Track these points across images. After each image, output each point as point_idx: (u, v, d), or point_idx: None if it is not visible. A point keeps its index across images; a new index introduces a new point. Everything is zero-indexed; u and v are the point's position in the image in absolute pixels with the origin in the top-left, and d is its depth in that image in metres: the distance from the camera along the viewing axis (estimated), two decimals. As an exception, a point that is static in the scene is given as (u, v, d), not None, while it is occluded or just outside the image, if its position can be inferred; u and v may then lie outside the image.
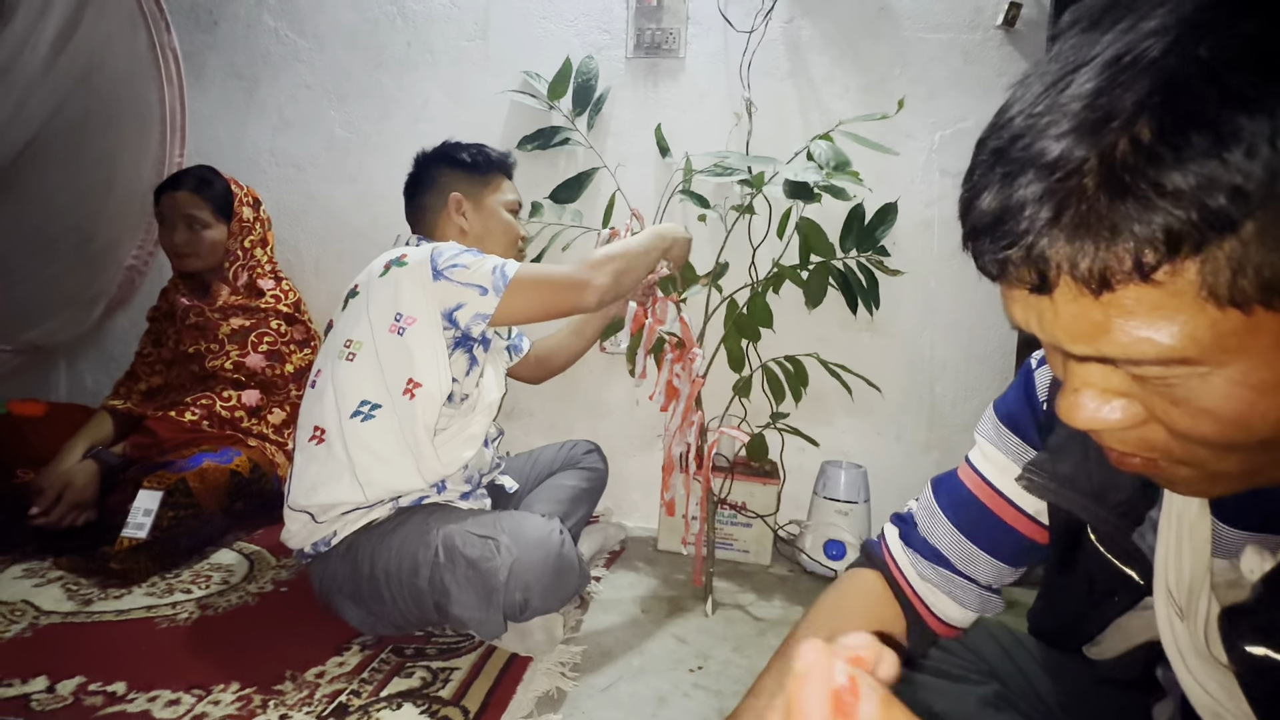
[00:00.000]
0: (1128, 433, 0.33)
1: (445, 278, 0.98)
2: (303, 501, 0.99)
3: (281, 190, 1.79)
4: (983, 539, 0.56)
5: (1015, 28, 1.49)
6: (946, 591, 0.57)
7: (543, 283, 1.01)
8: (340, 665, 0.93)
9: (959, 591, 0.57)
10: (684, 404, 1.29)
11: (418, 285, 0.98)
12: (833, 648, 0.29)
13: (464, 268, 0.99)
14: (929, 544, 0.58)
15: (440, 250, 1.00)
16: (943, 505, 0.58)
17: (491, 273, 0.99)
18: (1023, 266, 0.30)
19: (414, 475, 1.00)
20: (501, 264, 1.00)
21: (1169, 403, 0.31)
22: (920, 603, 0.58)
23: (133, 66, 1.78)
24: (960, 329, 1.58)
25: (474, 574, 0.92)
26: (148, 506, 1.14)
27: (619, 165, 1.59)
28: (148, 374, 1.51)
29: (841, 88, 1.56)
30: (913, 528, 0.60)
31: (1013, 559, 0.57)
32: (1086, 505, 0.46)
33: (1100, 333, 0.29)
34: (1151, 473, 0.35)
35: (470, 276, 0.99)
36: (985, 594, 0.58)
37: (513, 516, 0.99)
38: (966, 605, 0.58)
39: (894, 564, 0.60)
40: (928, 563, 0.58)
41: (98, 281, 1.87)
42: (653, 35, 1.61)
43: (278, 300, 1.51)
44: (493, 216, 1.19)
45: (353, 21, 1.74)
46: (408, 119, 1.74)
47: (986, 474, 0.56)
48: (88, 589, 1.10)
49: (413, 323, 0.98)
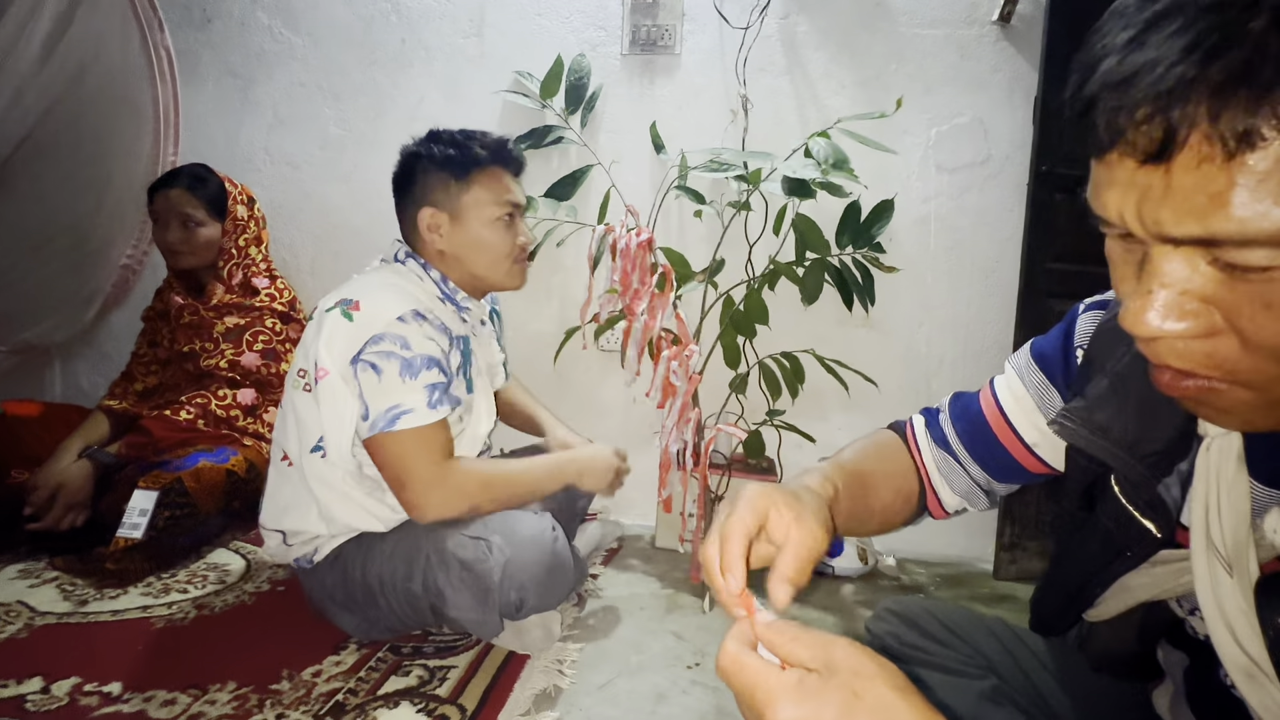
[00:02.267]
0: (1193, 345, 0.31)
1: (357, 367, 0.89)
2: (273, 523, 0.99)
3: (277, 188, 1.79)
4: (980, 452, 0.60)
5: (1011, 23, 1.48)
6: (944, 474, 0.62)
7: (409, 457, 0.90)
8: (337, 664, 0.93)
9: (953, 476, 0.62)
10: (680, 401, 1.29)
11: (343, 352, 0.90)
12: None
13: (375, 374, 0.89)
14: (942, 433, 0.62)
15: (380, 333, 0.90)
16: (954, 416, 0.62)
17: (387, 410, 0.89)
18: (1148, 126, 0.28)
19: (372, 518, 0.97)
20: (404, 409, 0.89)
21: (1260, 305, 0.28)
22: (926, 477, 0.63)
23: (126, 65, 1.78)
24: (957, 325, 1.58)
25: (468, 575, 0.91)
26: (143, 506, 1.14)
27: (614, 162, 1.58)
28: (143, 374, 1.51)
29: (837, 84, 1.56)
30: (935, 418, 0.64)
31: (1000, 475, 0.61)
32: (1117, 453, 0.46)
33: (1217, 206, 0.27)
34: (1203, 398, 0.33)
35: (371, 392, 0.89)
36: (974, 486, 0.62)
37: (505, 516, 0.98)
38: (955, 490, 0.62)
39: (914, 440, 0.64)
40: (936, 447, 0.62)
41: (92, 281, 1.86)
42: (648, 31, 1.60)
43: (273, 299, 1.50)
44: (472, 231, 1.00)
45: (347, 19, 1.74)
46: (403, 116, 1.73)
47: (1002, 400, 0.59)
48: (83, 590, 1.10)
49: (325, 375, 0.91)
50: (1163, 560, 0.45)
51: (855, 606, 1.28)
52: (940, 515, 0.65)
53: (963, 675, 0.62)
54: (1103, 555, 0.48)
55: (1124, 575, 0.47)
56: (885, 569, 1.47)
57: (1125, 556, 0.47)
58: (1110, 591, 0.49)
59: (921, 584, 1.42)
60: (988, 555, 1.49)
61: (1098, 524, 0.49)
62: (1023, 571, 1.44)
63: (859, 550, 1.39)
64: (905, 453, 0.64)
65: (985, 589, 1.41)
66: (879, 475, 0.61)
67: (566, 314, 1.67)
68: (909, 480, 0.63)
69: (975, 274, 1.55)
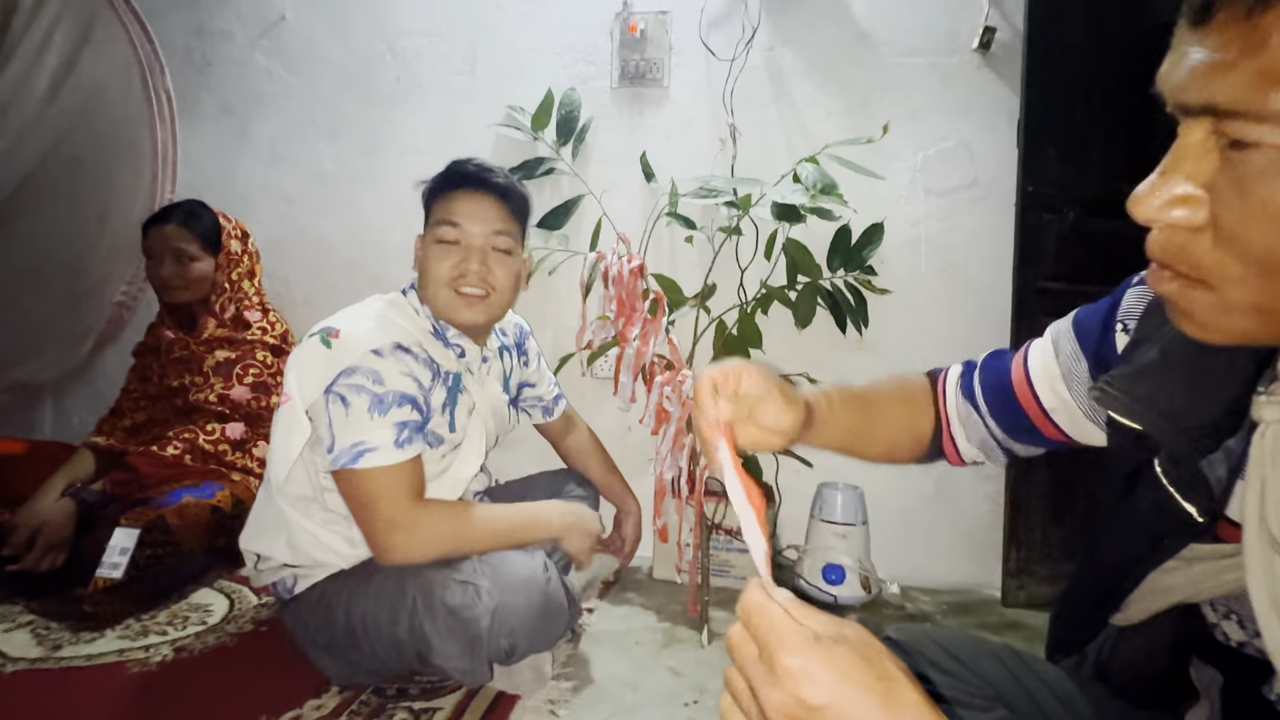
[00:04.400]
0: (1176, 237, 0.35)
1: (328, 401, 0.87)
2: (247, 544, 0.97)
3: (272, 224, 1.80)
4: (999, 409, 0.61)
5: (991, 51, 1.52)
6: (964, 423, 0.63)
7: (373, 497, 0.87)
8: (318, 708, 0.89)
9: (972, 427, 0.63)
10: (675, 427, 1.27)
11: (316, 381, 0.88)
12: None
13: (344, 407, 0.87)
14: (971, 385, 0.63)
15: (358, 368, 0.88)
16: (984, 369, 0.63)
17: (351, 445, 0.86)
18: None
19: (330, 552, 0.94)
20: (369, 447, 0.86)
21: (1237, 195, 0.32)
22: (946, 423, 0.65)
23: (127, 107, 1.81)
24: (953, 346, 1.56)
25: (455, 623, 0.86)
26: (124, 545, 1.11)
27: (605, 192, 1.60)
28: (132, 410, 1.49)
29: (824, 112, 1.59)
30: (970, 370, 0.65)
31: (1016, 435, 0.61)
32: (1160, 424, 0.44)
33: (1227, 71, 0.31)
34: (1175, 298, 0.37)
35: (339, 425, 0.87)
36: (991, 440, 0.63)
37: (495, 556, 0.94)
38: (972, 440, 0.63)
39: (942, 386, 0.65)
40: (962, 396, 0.64)
41: (86, 318, 1.86)
42: (637, 65, 1.64)
43: (264, 332, 1.50)
44: (425, 253, 0.99)
45: (343, 59, 1.78)
46: (396, 152, 1.76)
47: (1031, 362, 0.59)
48: (58, 633, 1.06)
49: (288, 400, 0.89)
50: (1203, 557, 0.43)
51: (859, 638, 1.23)
52: (956, 462, 0.66)
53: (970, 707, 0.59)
54: (1138, 545, 0.46)
55: (1158, 569, 0.45)
56: (889, 597, 1.43)
57: (1162, 546, 0.45)
58: (1142, 591, 0.47)
59: (927, 612, 1.38)
60: (994, 582, 1.45)
61: (1135, 511, 0.47)
62: (1031, 598, 1.40)
63: (862, 578, 1.35)
64: (929, 396, 0.66)
65: (993, 616, 1.37)
66: (887, 405, 0.65)
67: (560, 341, 1.66)
68: (922, 420, 0.65)
69: (968, 295, 1.55)
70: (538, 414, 1.32)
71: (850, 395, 0.64)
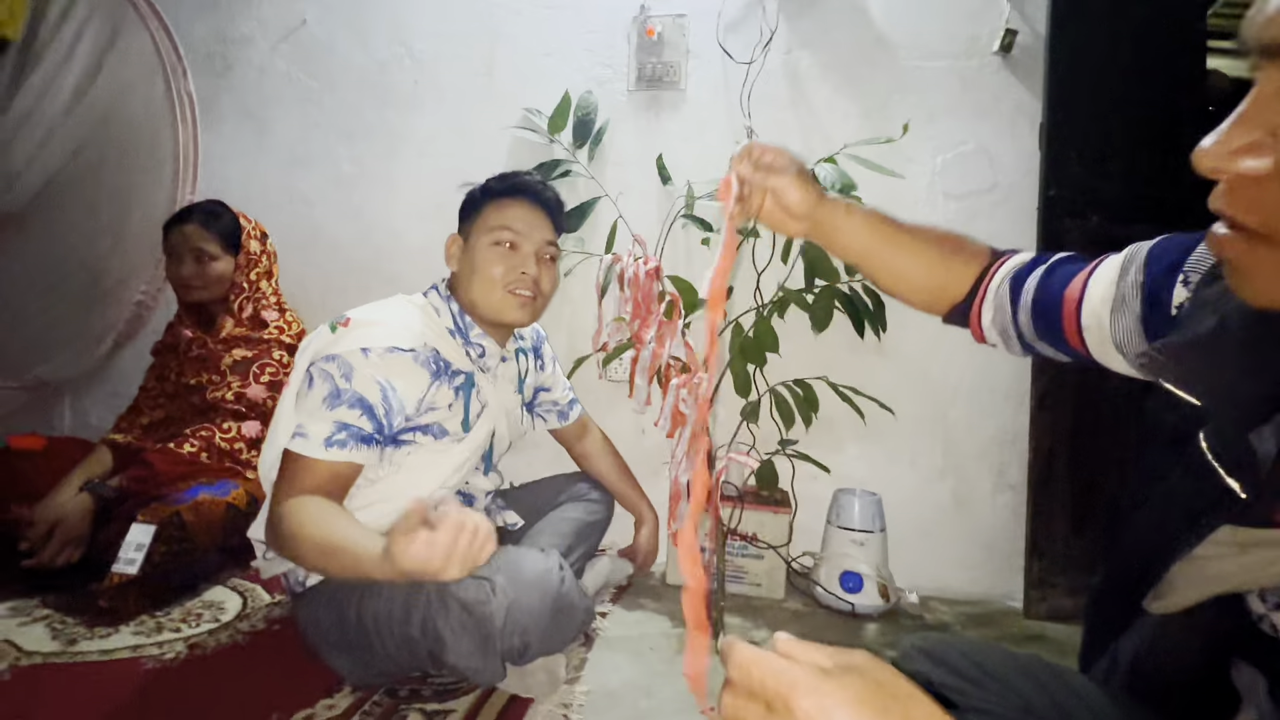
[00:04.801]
0: (1243, 187, 0.34)
1: (305, 377, 0.91)
2: (256, 533, 0.97)
3: (290, 226, 1.81)
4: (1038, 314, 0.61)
5: (1012, 54, 1.50)
6: (994, 301, 0.65)
7: (282, 477, 0.88)
8: (330, 708, 0.88)
9: (998, 311, 0.64)
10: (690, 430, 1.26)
11: (305, 357, 0.93)
12: None
13: (310, 387, 0.90)
14: (1025, 277, 0.63)
15: (340, 354, 0.90)
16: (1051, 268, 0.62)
17: (298, 426, 0.88)
18: None
19: None
20: (300, 431, 0.88)
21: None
22: (982, 294, 0.66)
23: (149, 111, 1.84)
24: (974, 351, 1.54)
25: (468, 619, 0.85)
26: (140, 541, 1.11)
27: (620, 194, 1.60)
28: (150, 407, 1.50)
29: (842, 115, 1.58)
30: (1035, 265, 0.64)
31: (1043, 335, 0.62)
32: (1209, 391, 0.43)
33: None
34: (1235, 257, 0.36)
35: (300, 398, 0.90)
36: (1011, 330, 0.64)
37: (509, 553, 0.93)
38: (994, 323, 0.65)
39: (999, 264, 0.66)
40: (1008, 285, 0.64)
41: (106, 318, 1.88)
42: (654, 68, 1.64)
43: (281, 331, 1.51)
44: (475, 253, 1.02)
45: (363, 63, 1.80)
46: (413, 155, 1.77)
47: (1095, 278, 0.58)
48: (74, 628, 1.06)
49: (289, 384, 0.94)
50: (1260, 543, 0.41)
51: (877, 647, 1.21)
52: (978, 335, 0.67)
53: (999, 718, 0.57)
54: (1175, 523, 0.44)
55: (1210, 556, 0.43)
56: (908, 607, 1.40)
57: (1200, 524, 0.43)
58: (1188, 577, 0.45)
59: (946, 623, 1.35)
60: (1016, 593, 1.42)
61: (1174, 487, 0.45)
62: (1054, 610, 1.36)
63: (880, 586, 1.33)
64: (977, 262, 0.66)
65: (1015, 628, 1.34)
66: (923, 244, 0.68)
67: (575, 344, 1.66)
68: (956, 280, 0.66)
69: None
70: (553, 419, 1.32)
71: (880, 217, 0.69)
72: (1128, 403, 1.36)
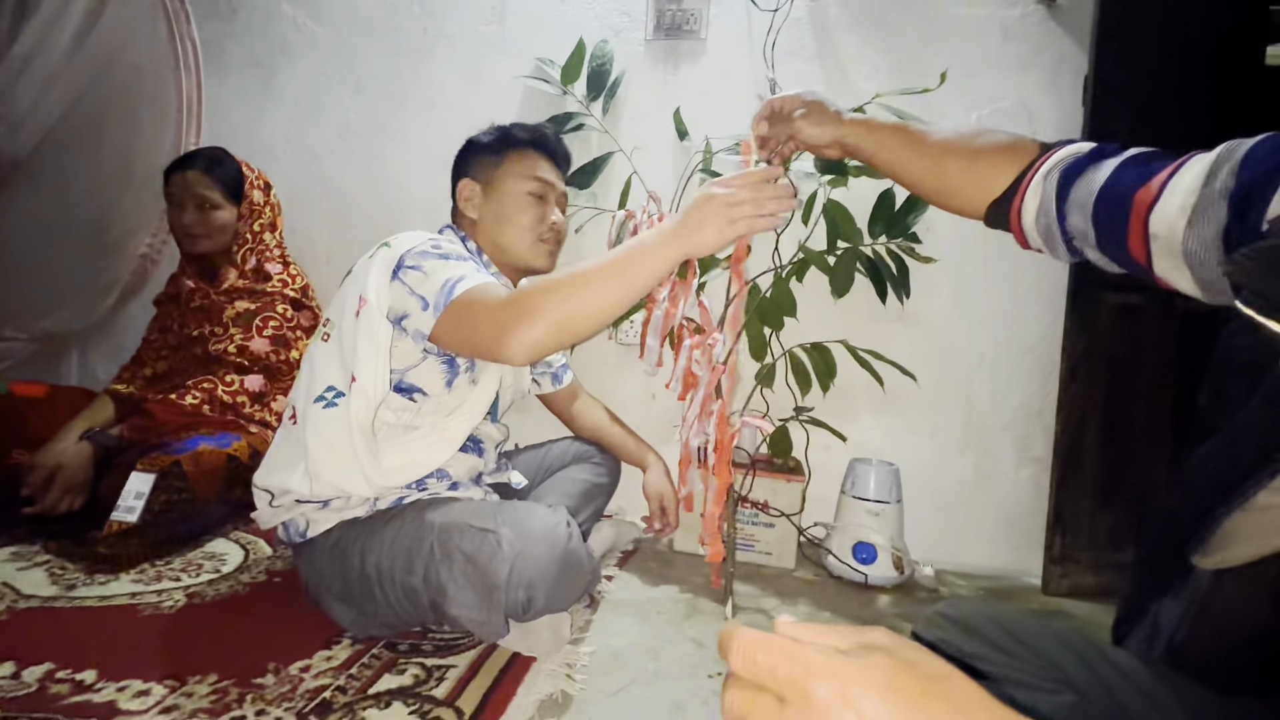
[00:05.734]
0: None
1: (399, 279, 0.88)
2: (262, 481, 0.94)
3: (296, 177, 1.77)
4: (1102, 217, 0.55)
5: (1057, 3, 1.41)
6: (1039, 196, 0.59)
7: (474, 312, 0.82)
8: (328, 659, 0.86)
9: (1043, 206, 0.59)
10: (703, 392, 1.22)
11: (382, 276, 0.90)
12: None
13: (419, 272, 0.87)
14: (1073, 174, 0.57)
15: (415, 246, 0.89)
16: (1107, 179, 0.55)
17: (441, 286, 0.85)
18: None
19: (360, 478, 0.90)
20: (456, 278, 0.85)
21: None
22: (1025, 186, 0.61)
23: (152, 56, 1.78)
24: (999, 320, 1.48)
25: (472, 570, 0.84)
26: (139, 489, 1.09)
27: (635, 149, 1.53)
28: (153, 359, 1.48)
29: (871, 67, 1.49)
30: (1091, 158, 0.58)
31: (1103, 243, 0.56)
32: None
33: None
34: None
35: (421, 284, 0.86)
36: (1056, 230, 0.59)
37: (516, 507, 0.92)
38: (1037, 222, 0.60)
39: (1048, 155, 0.60)
40: (1057, 172, 0.58)
41: (111, 270, 1.85)
42: (673, 16, 1.56)
43: (285, 284, 1.47)
44: (505, 201, 1.03)
45: (370, 8, 1.72)
46: (422, 105, 1.71)
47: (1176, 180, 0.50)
48: (73, 574, 1.05)
49: (364, 305, 0.89)
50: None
51: (891, 619, 1.17)
52: (1019, 237, 0.63)
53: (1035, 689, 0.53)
54: (1244, 459, 0.40)
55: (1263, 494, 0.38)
56: (922, 579, 1.36)
57: (1273, 459, 0.38)
58: (1254, 526, 0.40)
59: (962, 598, 1.31)
60: (1035, 569, 1.37)
61: (1244, 422, 0.40)
62: (1075, 587, 1.32)
63: (894, 558, 1.29)
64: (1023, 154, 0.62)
65: (1033, 605, 1.30)
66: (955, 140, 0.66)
67: (584, 305, 1.61)
68: (997, 174, 0.62)
69: (1019, 266, 1.45)
70: (546, 381, 1.31)
71: (906, 126, 0.70)
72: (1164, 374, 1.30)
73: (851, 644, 0.27)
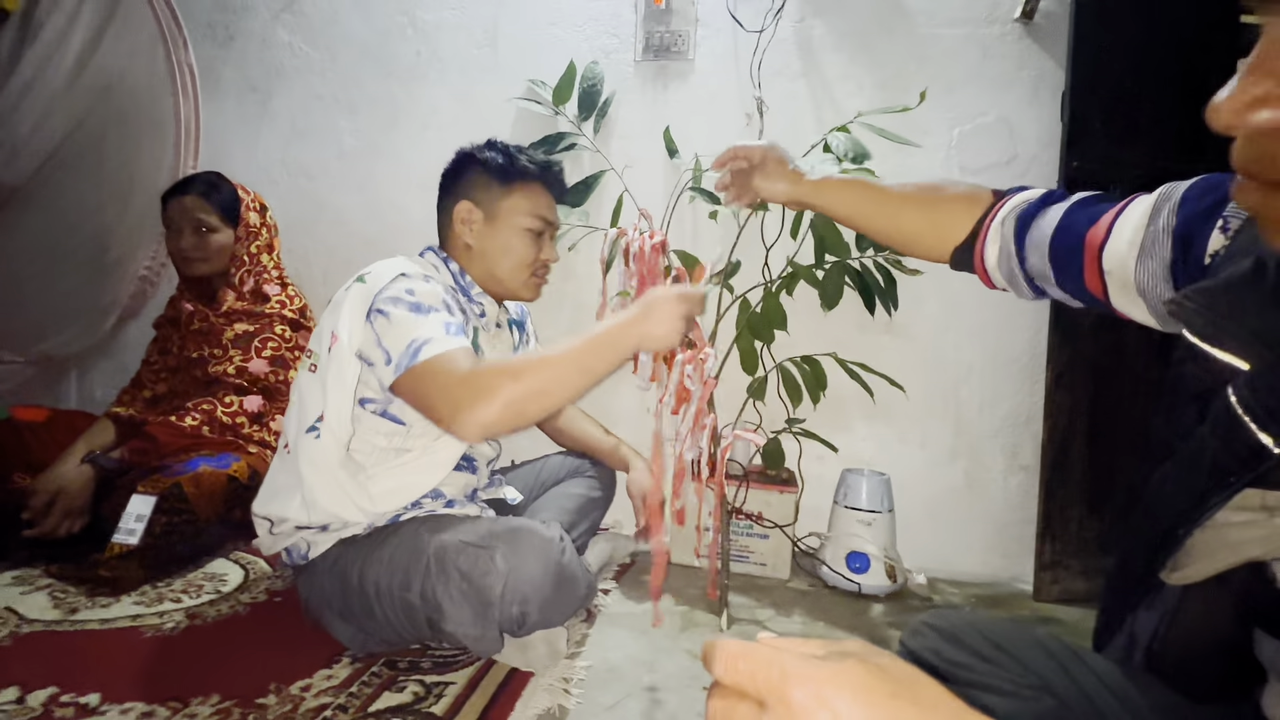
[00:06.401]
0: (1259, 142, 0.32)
1: (370, 323, 0.88)
2: (261, 509, 0.96)
3: (292, 199, 1.79)
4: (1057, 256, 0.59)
5: (1034, 20, 1.45)
6: (998, 240, 0.64)
7: (434, 383, 0.82)
8: (329, 678, 0.87)
9: (1003, 250, 0.63)
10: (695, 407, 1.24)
11: (355, 314, 0.90)
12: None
13: (387, 320, 0.87)
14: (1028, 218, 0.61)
15: (386, 288, 0.89)
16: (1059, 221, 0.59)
17: (407, 346, 0.84)
18: None
19: (353, 506, 0.92)
20: (422, 340, 0.84)
21: None
22: (984, 232, 0.65)
23: (151, 82, 1.81)
24: (986, 330, 1.51)
25: (468, 587, 0.85)
26: (140, 512, 1.11)
27: (626, 167, 1.56)
28: (152, 381, 1.49)
29: (856, 85, 1.53)
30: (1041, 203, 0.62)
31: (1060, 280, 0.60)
32: (1245, 340, 0.41)
33: None
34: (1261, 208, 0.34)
35: (387, 336, 0.86)
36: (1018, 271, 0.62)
37: (510, 523, 0.93)
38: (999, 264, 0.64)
39: (1002, 202, 0.65)
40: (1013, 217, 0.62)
41: (111, 292, 1.87)
42: (661, 38, 1.60)
43: (283, 306, 1.49)
44: (507, 235, 1.03)
45: (364, 33, 1.76)
46: (416, 127, 1.74)
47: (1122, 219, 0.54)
48: (75, 597, 1.06)
49: (335, 342, 0.90)
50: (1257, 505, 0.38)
51: (884, 627, 1.19)
52: (985, 279, 0.67)
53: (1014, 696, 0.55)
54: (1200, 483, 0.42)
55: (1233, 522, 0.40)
56: (915, 588, 1.38)
57: (1228, 483, 0.40)
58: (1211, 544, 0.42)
59: (955, 605, 1.33)
60: (1026, 575, 1.39)
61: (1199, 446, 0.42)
62: (1065, 593, 1.34)
63: (887, 567, 1.31)
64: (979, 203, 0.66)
65: (1024, 611, 1.31)
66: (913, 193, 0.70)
67: (579, 319, 1.64)
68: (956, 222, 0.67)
69: (1004, 277, 1.48)
70: None
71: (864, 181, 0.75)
72: (1147, 381, 1.32)
73: (827, 651, 0.29)
